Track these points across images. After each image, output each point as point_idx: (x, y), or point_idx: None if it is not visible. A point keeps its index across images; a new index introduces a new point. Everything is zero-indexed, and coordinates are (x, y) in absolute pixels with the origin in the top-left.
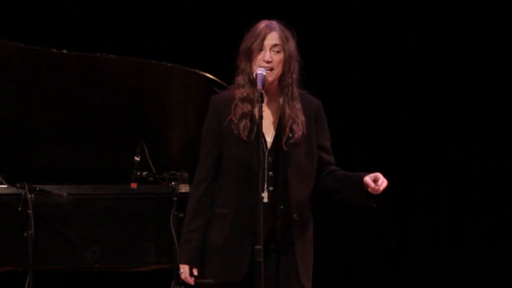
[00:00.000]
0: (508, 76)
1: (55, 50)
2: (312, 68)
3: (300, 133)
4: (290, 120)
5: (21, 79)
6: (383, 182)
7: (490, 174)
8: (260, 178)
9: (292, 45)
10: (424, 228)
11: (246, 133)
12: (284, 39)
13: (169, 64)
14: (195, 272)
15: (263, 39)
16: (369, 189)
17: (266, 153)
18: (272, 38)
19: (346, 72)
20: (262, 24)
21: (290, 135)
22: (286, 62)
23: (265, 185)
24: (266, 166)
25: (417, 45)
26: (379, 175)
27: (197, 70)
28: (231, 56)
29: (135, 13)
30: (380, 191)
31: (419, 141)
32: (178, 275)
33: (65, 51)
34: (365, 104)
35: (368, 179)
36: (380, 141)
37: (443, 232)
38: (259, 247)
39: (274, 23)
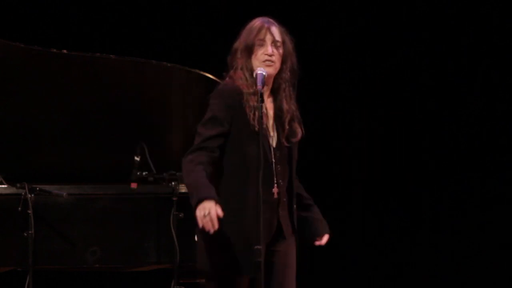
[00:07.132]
0: (508, 76)
1: (55, 50)
2: (311, 68)
3: (300, 133)
4: (289, 116)
5: (21, 79)
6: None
7: (490, 173)
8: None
9: (289, 42)
10: (424, 228)
11: (257, 127)
12: (283, 35)
13: (169, 64)
14: (219, 210)
15: (265, 33)
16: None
17: (273, 148)
18: (273, 33)
19: (345, 73)
20: (259, 20)
21: (292, 132)
22: (285, 58)
23: (275, 180)
24: (274, 161)
25: (417, 46)
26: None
27: (197, 70)
28: None
29: (134, 13)
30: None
31: (419, 141)
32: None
33: (65, 51)
34: (364, 105)
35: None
36: (380, 141)
37: (443, 232)
38: (259, 247)
39: (270, 19)
